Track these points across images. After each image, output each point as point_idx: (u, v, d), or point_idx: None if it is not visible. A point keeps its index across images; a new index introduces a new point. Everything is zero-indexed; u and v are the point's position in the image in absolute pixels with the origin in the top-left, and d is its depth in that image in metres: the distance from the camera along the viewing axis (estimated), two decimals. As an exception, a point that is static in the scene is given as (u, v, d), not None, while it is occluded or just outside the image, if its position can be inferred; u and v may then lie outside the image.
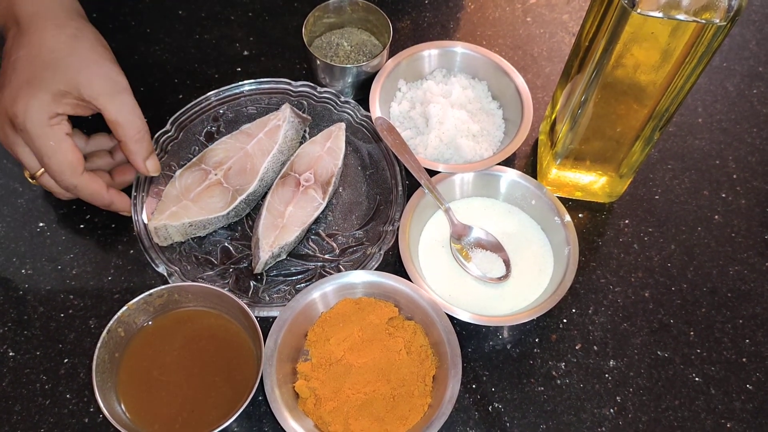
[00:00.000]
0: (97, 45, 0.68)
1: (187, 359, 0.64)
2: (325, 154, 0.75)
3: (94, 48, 0.67)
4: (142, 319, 0.64)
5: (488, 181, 0.75)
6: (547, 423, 0.66)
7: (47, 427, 0.63)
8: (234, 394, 0.61)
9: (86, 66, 0.66)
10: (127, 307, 0.62)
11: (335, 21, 0.85)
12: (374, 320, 0.66)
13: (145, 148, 0.69)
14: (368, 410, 0.62)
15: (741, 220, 0.78)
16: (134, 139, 0.68)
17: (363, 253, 0.72)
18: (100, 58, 0.67)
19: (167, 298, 0.65)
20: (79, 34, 0.67)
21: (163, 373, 0.63)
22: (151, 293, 0.63)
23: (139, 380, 0.62)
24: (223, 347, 0.64)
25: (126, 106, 0.67)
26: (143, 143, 0.69)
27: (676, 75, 0.61)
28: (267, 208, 0.72)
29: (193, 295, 0.65)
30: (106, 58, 0.68)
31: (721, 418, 0.67)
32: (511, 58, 0.88)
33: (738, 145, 0.83)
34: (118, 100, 0.66)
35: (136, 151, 0.68)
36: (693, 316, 0.72)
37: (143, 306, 0.64)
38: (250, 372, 0.63)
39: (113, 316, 0.62)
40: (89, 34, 0.68)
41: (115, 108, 0.66)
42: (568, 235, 0.71)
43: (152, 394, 0.62)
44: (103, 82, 0.66)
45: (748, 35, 0.93)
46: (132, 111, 0.67)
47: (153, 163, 0.71)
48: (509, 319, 0.67)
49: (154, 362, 0.63)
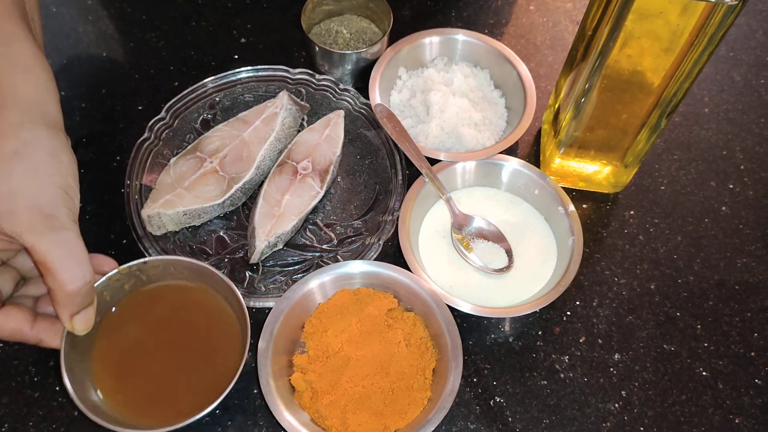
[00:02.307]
0: (46, 164, 0.53)
1: (165, 340, 0.60)
2: (324, 142, 0.73)
3: (39, 169, 0.53)
4: (111, 303, 0.61)
5: (490, 170, 0.73)
6: (550, 418, 0.64)
7: (36, 419, 0.62)
8: (218, 376, 0.59)
9: (14, 194, 0.51)
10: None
11: (334, 8, 0.83)
12: (373, 311, 0.65)
13: (78, 302, 0.55)
14: (366, 404, 0.60)
15: (749, 212, 0.76)
16: (65, 290, 0.53)
17: (362, 244, 0.70)
18: (41, 184, 0.53)
19: (137, 277, 0.61)
20: (24, 149, 0.52)
21: (139, 358, 0.60)
22: (117, 271, 0.60)
23: (115, 367, 0.59)
24: (204, 322, 0.61)
25: (61, 247, 0.52)
26: (77, 297, 0.54)
27: (684, 60, 0.60)
28: (263, 197, 0.70)
29: (164, 270, 0.62)
30: (51, 183, 0.53)
31: (729, 413, 0.65)
32: (514, 47, 0.86)
33: (745, 135, 0.82)
34: (51, 239, 0.52)
35: (63, 303, 0.54)
36: (700, 309, 0.70)
37: (109, 287, 0.60)
38: (235, 350, 0.60)
39: None
40: (39, 150, 0.53)
41: (45, 248, 0.51)
42: (572, 225, 0.69)
43: (129, 381, 0.59)
44: (32, 216, 0.51)
45: (754, 25, 0.91)
46: (69, 254, 0.53)
47: (83, 320, 0.56)
48: (511, 310, 0.65)
49: (129, 347, 0.60)
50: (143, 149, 0.73)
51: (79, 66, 0.83)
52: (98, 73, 0.83)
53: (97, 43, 0.85)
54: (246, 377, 0.64)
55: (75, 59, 0.83)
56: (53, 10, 0.87)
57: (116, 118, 0.79)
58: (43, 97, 0.55)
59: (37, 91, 0.55)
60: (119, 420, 0.57)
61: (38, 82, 0.55)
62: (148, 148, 0.73)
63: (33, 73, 0.55)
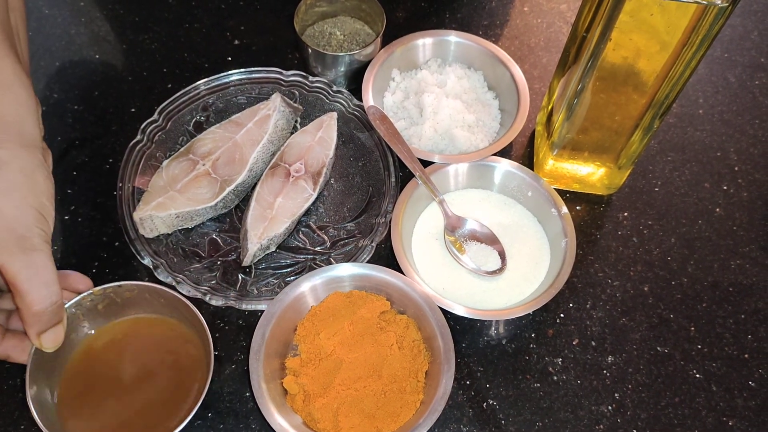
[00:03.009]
0: (20, 185, 0.53)
1: (133, 372, 0.61)
2: (316, 144, 0.73)
3: (13, 189, 0.53)
4: (83, 325, 0.61)
5: (483, 172, 0.73)
6: (543, 420, 0.64)
7: (28, 423, 0.62)
8: (183, 400, 0.59)
9: None
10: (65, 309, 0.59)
11: (328, 10, 0.83)
12: (365, 314, 0.64)
13: (45, 321, 0.55)
14: (359, 407, 0.60)
15: (743, 213, 0.76)
16: (32, 310, 0.53)
17: (354, 246, 0.70)
18: (15, 205, 0.53)
19: (110, 299, 0.61)
20: (1, 170, 0.53)
21: (106, 388, 0.60)
22: (91, 292, 0.60)
23: (81, 396, 0.59)
24: (170, 354, 0.61)
25: (30, 269, 0.53)
26: (44, 316, 0.54)
27: (676, 61, 0.59)
28: (256, 199, 0.70)
29: (138, 295, 0.62)
30: (25, 203, 0.53)
31: (722, 415, 0.65)
32: (507, 48, 0.86)
33: (740, 136, 0.81)
34: (21, 259, 0.52)
35: (31, 322, 0.55)
36: (693, 310, 0.70)
37: (82, 307, 0.60)
38: (202, 378, 0.59)
39: None
40: (14, 170, 0.53)
41: (15, 269, 0.52)
42: (565, 227, 0.69)
43: (95, 410, 0.59)
44: (4, 236, 0.52)
45: (749, 26, 0.91)
46: (38, 276, 0.53)
47: (51, 338, 0.56)
48: (504, 313, 0.65)
49: (96, 376, 0.60)
50: (136, 152, 0.73)
51: (71, 68, 0.83)
52: (91, 75, 0.82)
53: (90, 45, 0.85)
54: (238, 380, 0.64)
55: (67, 61, 0.83)
56: (45, 12, 0.87)
57: (109, 121, 0.79)
58: (21, 116, 0.55)
59: (15, 110, 0.55)
60: None
61: (17, 100, 0.55)
62: (140, 151, 0.73)
63: (12, 92, 0.55)
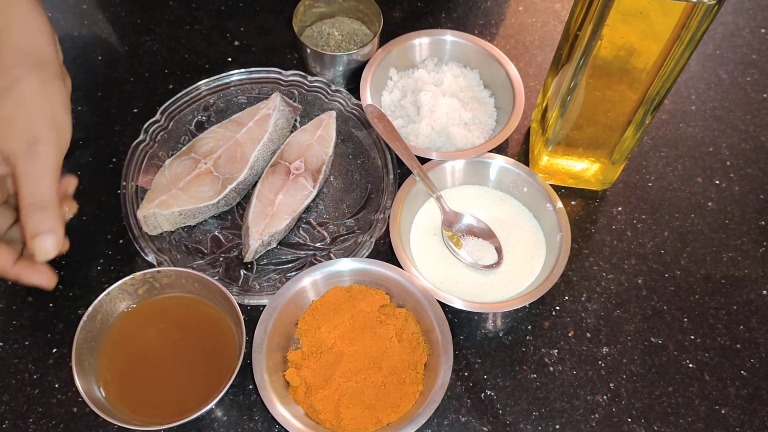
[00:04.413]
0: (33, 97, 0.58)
1: (168, 346, 0.63)
2: (315, 143, 0.75)
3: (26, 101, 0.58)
4: (124, 305, 0.64)
5: (479, 168, 0.75)
6: (539, 410, 0.65)
7: (36, 416, 0.63)
8: (215, 380, 0.61)
9: (5, 121, 0.57)
10: (108, 293, 0.62)
11: (326, 10, 0.84)
12: (365, 308, 0.66)
13: (39, 223, 0.56)
14: (359, 398, 0.62)
15: (735, 207, 0.77)
16: (29, 203, 0.56)
17: (354, 242, 0.71)
18: (27, 115, 0.58)
19: (150, 284, 0.64)
20: (15, 84, 0.58)
21: (143, 360, 0.62)
22: (132, 277, 0.63)
23: (120, 366, 0.62)
24: (205, 333, 0.64)
25: (35, 163, 0.56)
26: (37, 216, 0.56)
27: (667, 58, 0.61)
28: (257, 197, 0.71)
29: (176, 280, 0.65)
30: (36, 114, 0.58)
31: (715, 404, 0.66)
32: (503, 47, 0.87)
33: (731, 132, 0.83)
34: (29, 163, 0.56)
35: (26, 221, 0.56)
36: (687, 302, 0.71)
37: (124, 291, 0.63)
38: (232, 358, 0.62)
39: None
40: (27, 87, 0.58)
41: (23, 164, 0.56)
42: (560, 221, 0.70)
43: (132, 380, 0.61)
44: (21, 137, 0.57)
45: (741, 23, 0.92)
46: (39, 172, 0.56)
47: (44, 243, 0.57)
48: (501, 306, 0.66)
49: (134, 348, 0.63)
50: (139, 151, 0.74)
51: (75, 70, 0.83)
52: (94, 76, 0.84)
53: (93, 47, 0.86)
54: (241, 373, 0.65)
55: (70, 63, 0.84)
56: (49, 15, 0.87)
57: (112, 121, 0.80)
58: (37, 43, 0.61)
59: (32, 37, 0.61)
60: (119, 416, 0.58)
61: (33, 29, 0.61)
62: (143, 150, 0.74)
63: (28, 22, 0.61)
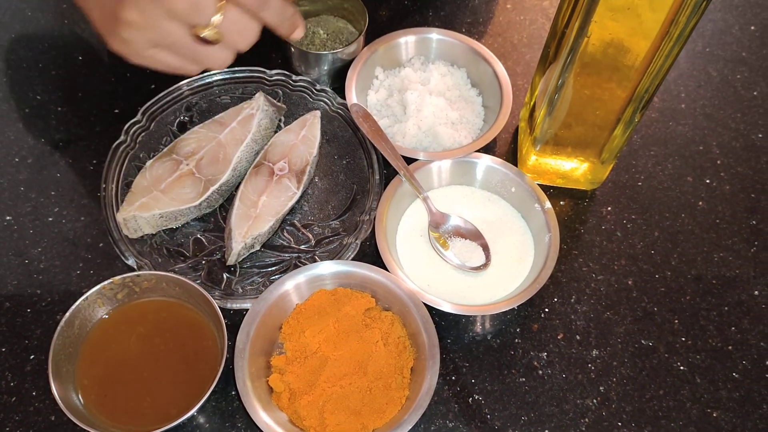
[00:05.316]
0: None
1: (149, 351, 0.62)
2: (300, 143, 0.73)
3: None
4: (103, 310, 0.63)
5: (466, 168, 0.73)
6: (528, 414, 0.64)
7: (12, 425, 0.61)
8: (197, 387, 0.59)
9: None
10: (86, 297, 0.61)
11: (310, 9, 0.83)
12: (350, 311, 0.65)
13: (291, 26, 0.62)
14: (344, 404, 0.60)
15: (725, 206, 0.76)
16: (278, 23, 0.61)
17: (339, 244, 0.70)
18: None
19: (130, 288, 0.63)
20: None
21: (123, 366, 0.61)
22: (111, 281, 0.62)
23: (99, 372, 0.61)
24: (187, 338, 0.63)
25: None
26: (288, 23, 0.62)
27: (655, 55, 0.60)
28: (240, 198, 0.70)
29: (156, 284, 0.63)
30: None
31: (706, 407, 0.65)
32: (491, 45, 0.86)
33: (722, 130, 0.82)
34: None
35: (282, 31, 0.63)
36: (677, 303, 0.70)
37: (103, 295, 0.62)
38: (214, 364, 0.61)
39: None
40: None
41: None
42: (548, 222, 0.69)
43: (112, 387, 0.60)
44: None
45: (731, 20, 0.91)
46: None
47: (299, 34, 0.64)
48: (489, 308, 0.65)
49: (114, 354, 0.62)
50: (119, 152, 0.73)
51: (54, 70, 0.82)
52: (74, 76, 0.82)
53: (73, 46, 0.85)
54: (224, 379, 0.64)
55: (51, 62, 0.83)
56: (28, 14, 0.87)
57: (92, 122, 0.79)
58: None
59: None
60: (98, 424, 0.57)
61: None
62: (124, 152, 0.73)
63: None
